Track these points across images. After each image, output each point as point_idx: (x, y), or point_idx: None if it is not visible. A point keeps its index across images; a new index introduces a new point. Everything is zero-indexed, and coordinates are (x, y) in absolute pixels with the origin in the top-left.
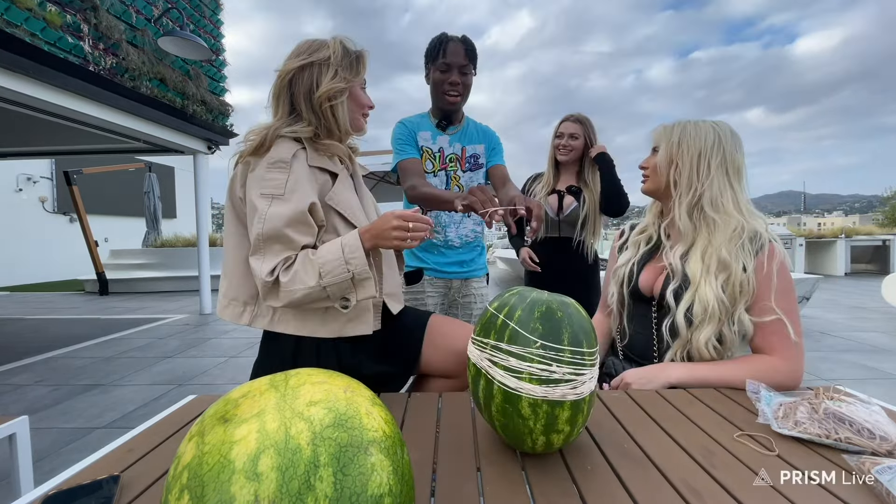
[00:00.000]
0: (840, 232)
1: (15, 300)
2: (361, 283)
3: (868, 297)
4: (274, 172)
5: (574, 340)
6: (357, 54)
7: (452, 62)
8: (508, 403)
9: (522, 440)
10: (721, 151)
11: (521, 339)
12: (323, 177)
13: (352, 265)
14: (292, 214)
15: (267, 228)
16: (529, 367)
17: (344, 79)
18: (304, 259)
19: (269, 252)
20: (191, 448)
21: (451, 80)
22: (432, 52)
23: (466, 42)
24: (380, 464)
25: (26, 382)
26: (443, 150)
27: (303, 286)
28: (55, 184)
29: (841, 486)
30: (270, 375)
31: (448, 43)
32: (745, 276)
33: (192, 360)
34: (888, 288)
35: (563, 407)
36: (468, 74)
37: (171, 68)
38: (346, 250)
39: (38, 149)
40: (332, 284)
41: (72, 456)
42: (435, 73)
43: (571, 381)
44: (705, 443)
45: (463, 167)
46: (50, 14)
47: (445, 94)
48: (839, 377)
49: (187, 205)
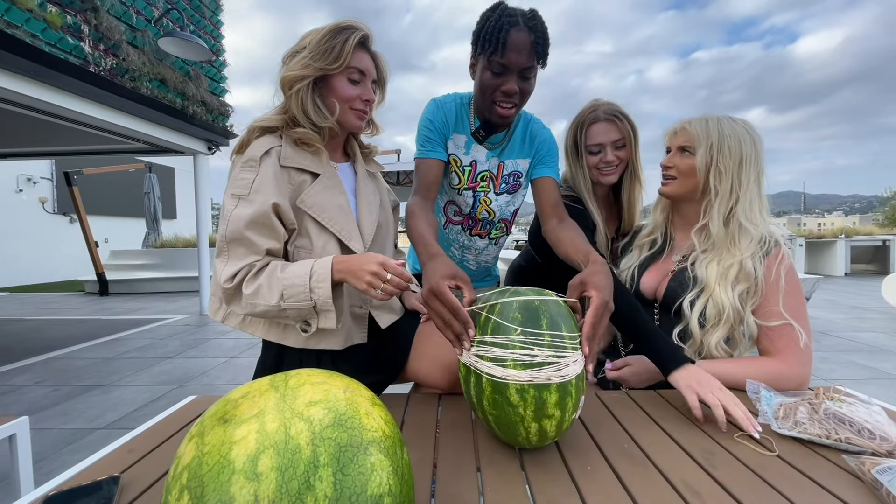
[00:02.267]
0: (840, 232)
1: (15, 301)
2: (323, 313)
3: (868, 298)
4: (245, 171)
5: (553, 325)
6: (342, 41)
7: (512, 63)
8: (497, 393)
9: (516, 430)
10: (758, 159)
11: (503, 329)
12: (300, 177)
13: (315, 294)
14: (253, 216)
15: (230, 230)
16: (512, 353)
17: (310, 66)
18: (270, 274)
19: (232, 255)
20: (191, 449)
21: (505, 87)
22: (485, 39)
23: (536, 29)
24: (379, 464)
25: (26, 383)
26: (475, 163)
27: (264, 303)
28: (55, 184)
29: (841, 487)
30: (270, 376)
31: (510, 31)
32: (756, 279)
33: (192, 360)
34: (888, 288)
35: (550, 390)
36: (531, 78)
37: (172, 69)
38: (314, 278)
39: (39, 149)
40: (292, 308)
41: (72, 456)
42: (484, 72)
43: (554, 364)
44: (705, 443)
45: (497, 188)
46: (50, 15)
47: (495, 104)
48: (839, 377)
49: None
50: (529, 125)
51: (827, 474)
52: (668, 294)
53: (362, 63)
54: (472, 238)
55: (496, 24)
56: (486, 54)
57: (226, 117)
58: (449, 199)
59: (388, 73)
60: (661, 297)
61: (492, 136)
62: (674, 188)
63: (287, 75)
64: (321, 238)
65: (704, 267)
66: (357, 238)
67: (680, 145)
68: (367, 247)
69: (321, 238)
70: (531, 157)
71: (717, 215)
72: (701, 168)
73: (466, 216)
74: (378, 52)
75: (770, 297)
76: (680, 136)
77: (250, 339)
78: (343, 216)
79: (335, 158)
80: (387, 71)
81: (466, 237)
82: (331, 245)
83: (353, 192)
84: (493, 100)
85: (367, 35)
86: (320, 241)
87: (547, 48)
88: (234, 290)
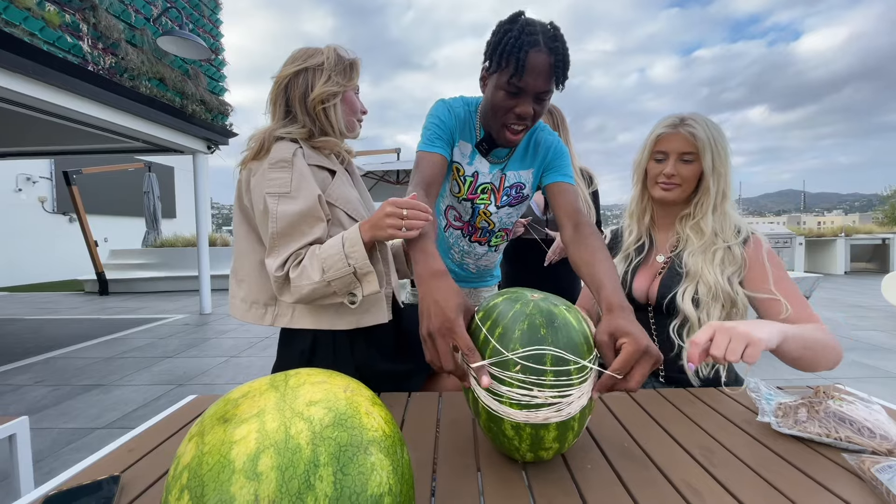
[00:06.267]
0: (840, 230)
1: (15, 300)
2: (365, 276)
3: (868, 296)
4: (277, 172)
5: (558, 361)
6: (350, 62)
7: (530, 87)
8: (493, 422)
9: (511, 455)
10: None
11: (501, 361)
12: (321, 174)
13: (352, 259)
14: (303, 209)
15: (280, 226)
16: (509, 391)
17: (337, 83)
18: (311, 254)
19: (283, 249)
20: (191, 448)
21: (519, 109)
22: (502, 56)
23: (557, 52)
24: (380, 463)
25: (26, 383)
26: (477, 174)
27: (308, 281)
28: (54, 184)
29: (841, 485)
30: (270, 375)
31: (530, 52)
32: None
33: (192, 360)
34: (888, 286)
35: (549, 429)
36: (545, 102)
37: (171, 68)
38: (347, 244)
39: (38, 149)
40: (335, 279)
41: (72, 456)
42: (498, 91)
43: (555, 405)
44: (705, 442)
45: (498, 200)
46: (49, 13)
47: (505, 126)
48: (839, 376)
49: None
50: (534, 134)
51: (827, 473)
52: (662, 293)
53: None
54: (471, 244)
55: (515, 42)
56: (500, 68)
57: (225, 116)
58: (449, 203)
59: None
60: (653, 299)
61: (495, 149)
62: (677, 194)
63: (319, 92)
64: (350, 227)
65: (691, 258)
66: None
67: (681, 152)
68: None
69: (350, 227)
70: (534, 167)
71: (709, 212)
72: (709, 173)
73: (466, 223)
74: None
75: (761, 280)
76: (679, 144)
77: (250, 339)
78: (361, 207)
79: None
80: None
81: (466, 243)
82: None
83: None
84: (503, 122)
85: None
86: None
87: (567, 71)
88: (284, 279)
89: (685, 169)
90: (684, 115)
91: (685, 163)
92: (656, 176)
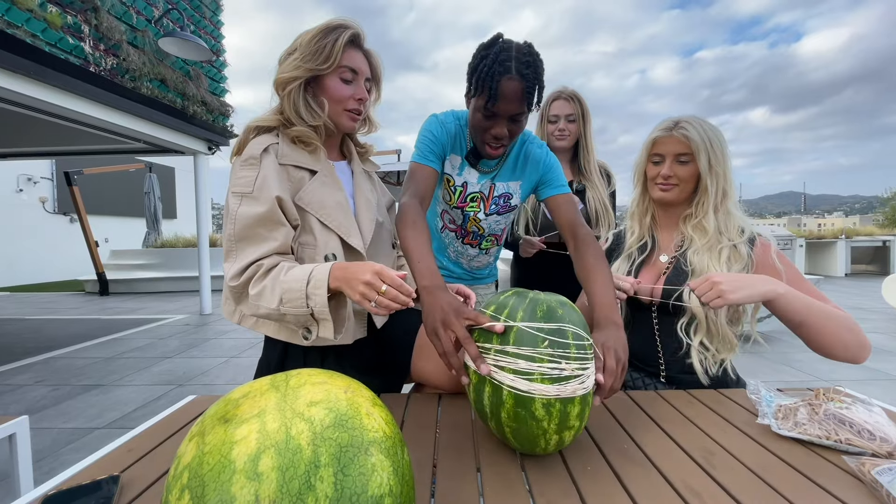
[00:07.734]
0: (840, 233)
1: (15, 300)
2: (322, 321)
3: (868, 298)
4: (246, 170)
5: (577, 335)
6: (332, 40)
7: (502, 111)
8: (521, 407)
9: (535, 442)
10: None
11: (529, 340)
12: (298, 174)
13: (312, 300)
14: (263, 212)
15: (238, 228)
16: (540, 367)
17: (300, 67)
18: (275, 276)
19: (239, 254)
20: (191, 448)
21: (495, 131)
22: (477, 82)
23: (528, 78)
24: (380, 464)
25: (26, 382)
26: (466, 185)
27: (266, 305)
28: (55, 184)
29: (841, 487)
30: (271, 375)
31: (502, 81)
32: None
33: (192, 360)
34: (888, 289)
35: (574, 402)
36: (521, 121)
37: (172, 69)
38: (311, 284)
39: (39, 149)
40: (291, 313)
41: (71, 456)
42: (476, 112)
43: (579, 377)
44: (705, 443)
45: (487, 209)
46: (51, 15)
47: (486, 143)
48: (839, 378)
49: (188, 205)
50: (524, 147)
51: (827, 475)
52: (667, 292)
53: (354, 62)
54: (464, 246)
55: (489, 71)
56: (479, 97)
57: (226, 117)
58: (444, 208)
59: (382, 70)
60: (656, 301)
61: (482, 160)
62: (675, 194)
63: (279, 77)
64: (323, 235)
65: (696, 256)
66: (356, 235)
67: (676, 153)
68: (367, 244)
69: (323, 235)
70: (523, 179)
71: (710, 211)
72: (705, 173)
73: (459, 227)
74: (371, 50)
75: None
76: (674, 146)
77: (250, 339)
78: (342, 213)
79: (332, 157)
80: (380, 68)
81: (460, 244)
82: (332, 241)
83: (350, 191)
84: (483, 139)
85: (357, 33)
86: (323, 238)
87: (539, 94)
88: (241, 289)
89: (681, 170)
90: (679, 119)
91: (681, 164)
92: (654, 178)
